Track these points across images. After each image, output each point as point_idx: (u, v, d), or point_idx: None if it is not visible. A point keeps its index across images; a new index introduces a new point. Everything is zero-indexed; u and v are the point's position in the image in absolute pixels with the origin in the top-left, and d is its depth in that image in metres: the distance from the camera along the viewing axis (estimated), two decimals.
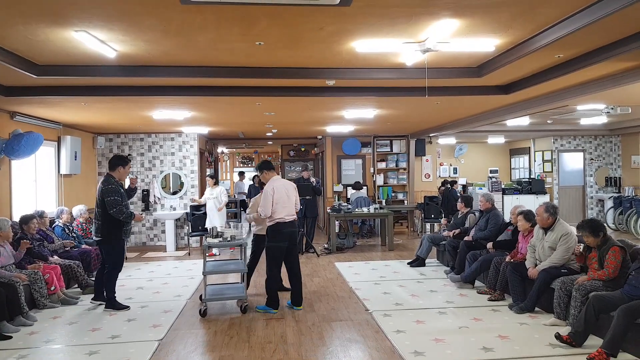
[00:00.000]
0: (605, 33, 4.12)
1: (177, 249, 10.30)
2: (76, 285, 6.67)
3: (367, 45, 4.37)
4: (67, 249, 7.07)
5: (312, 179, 9.77)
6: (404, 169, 12.70)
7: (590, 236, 4.78)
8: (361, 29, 3.98)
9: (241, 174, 15.46)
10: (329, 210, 10.26)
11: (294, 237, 5.71)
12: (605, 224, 12.13)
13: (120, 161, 5.91)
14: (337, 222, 10.50)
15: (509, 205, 12.71)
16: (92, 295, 6.08)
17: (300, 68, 5.32)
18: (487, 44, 4.37)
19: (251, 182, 13.50)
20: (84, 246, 7.55)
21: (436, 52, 4.45)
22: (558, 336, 4.36)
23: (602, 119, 10.27)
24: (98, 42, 4.16)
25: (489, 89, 6.37)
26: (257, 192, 7.81)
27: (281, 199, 5.54)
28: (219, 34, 4.11)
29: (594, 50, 4.60)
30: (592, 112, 9.07)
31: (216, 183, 9.96)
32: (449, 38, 4.21)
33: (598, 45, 4.48)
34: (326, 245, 9.89)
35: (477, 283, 6.60)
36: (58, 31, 3.94)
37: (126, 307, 5.80)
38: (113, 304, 5.78)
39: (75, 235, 7.65)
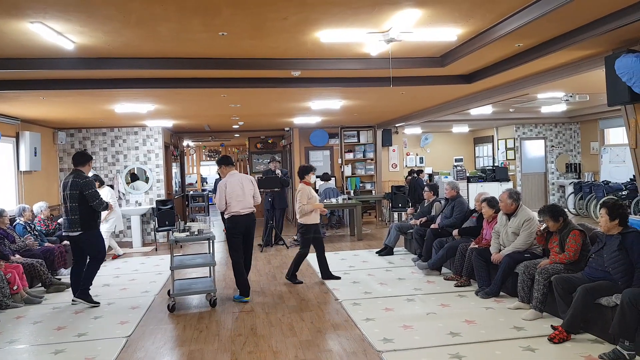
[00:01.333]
0: (561, 22, 4.23)
1: (144, 244, 10.14)
2: (40, 284, 6.50)
3: (332, 35, 4.37)
4: (28, 247, 6.86)
5: (278, 171, 9.74)
6: (371, 160, 12.80)
7: (551, 220, 4.93)
8: (325, 18, 3.98)
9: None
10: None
11: (249, 229, 5.93)
12: (566, 209, 12.54)
13: (89, 158, 6.00)
14: None
15: (474, 193, 12.97)
16: (57, 294, 5.94)
17: (265, 59, 5.29)
18: (449, 33, 4.44)
19: (217, 177, 13.33)
20: (46, 244, 7.36)
21: (400, 42, 4.50)
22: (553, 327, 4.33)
23: (562, 107, 10.57)
24: (55, 33, 4.04)
25: (452, 78, 6.46)
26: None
27: (234, 193, 5.75)
28: (180, 25, 4.04)
29: (551, 39, 4.72)
30: (552, 100, 9.32)
31: (101, 184, 8.53)
32: (412, 28, 4.24)
33: (555, 34, 4.60)
34: (295, 237, 9.89)
35: (444, 270, 6.73)
36: (12, 23, 3.80)
37: (97, 304, 5.72)
38: (86, 296, 5.73)
39: (37, 233, 7.45)
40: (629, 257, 4.07)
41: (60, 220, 8.43)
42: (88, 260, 5.82)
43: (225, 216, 5.87)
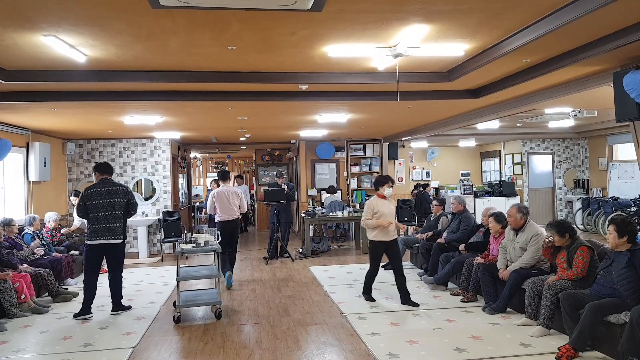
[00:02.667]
0: (569, 39, 4.24)
1: (150, 255, 10.16)
2: (47, 294, 6.52)
3: (339, 50, 4.41)
4: (37, 256, 6.91)
5: (284, 186, 9.78)
6: (378, 173, 12.79)
7: (556, 235, 4.91)
8: (333, 33, 4.02)
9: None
10: (303, 215, 10.27)
11: (233, 231, 7.45)
12: (574, 225, 12.47)
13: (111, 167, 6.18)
14: (311, 227, 10.52)
15: (481, 208, 12.94)
16: (64, 303, 5.93)
17: (273, 73, 5.34)
18: (456, 48, 4.47)
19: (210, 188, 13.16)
20: (54, 254, 7.40)
21: (407, 56, 4.53)
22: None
23: (570, 122, 10.55)
24: (67, 46, 4.11)
25: (459, 93, 6.49)
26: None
27: (221, 202, 7.37)
28: (190, 39, 4.09)
29: (559, 55, 4.73)
30: (560, 116, 9.31)
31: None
32: (419, 43, 4.28)
33: (563, 50, 4.62)
34: (301, 250, 9.89)
35: (450, 285, 6.69)
36: (26, 36, 3.87)
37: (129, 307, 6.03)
38: (122, 305, 5.95)
39: (45, 242, 7.49)
40: (637, 274, 4.04)
41: (64, 231, 8.47)
42: (110, 269, 5.87)
43: (215, 220, 7.47)
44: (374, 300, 6.07)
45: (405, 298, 5.93)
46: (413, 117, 8.65)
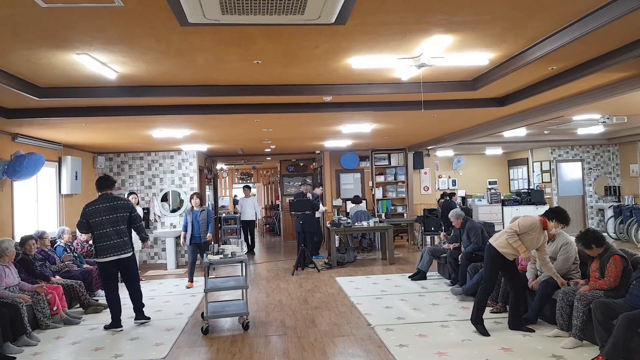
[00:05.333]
0: (596, 45, 4.19)
1: (178, 266, 10.30)
2: (78, 305, 6.67)
3: (363, 61, 4.44)
4: (67, 269, 7.06)
5: (309, 194, 9.81)
6: (403, 182, 12.75)
7: (584, 248, 4.82)
8: (356, 46, 4.06)
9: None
10: (328, 225, 10.28)
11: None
12: (605, 233, 12.16)
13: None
14: (337, 237, 10.52)
15: (509, 216, 12.74)
16: (95, 315, 6.06)
17: (298, 85, 5.40)
18: (480, 58, 4.45)
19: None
20: (85, 266, 7.56)
21: (431, 67, 4.53)
22: None
23: (599, 129, 10.34)
24: (99, 64, 4.24)
25: (485, 101, 6.44)
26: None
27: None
28: (217, 54, 4.18)
29: (587, 61, 4.67)
30: (589, 122, 9.14)
31: None
32: (443, 53, 4.28)
33: (591, 57, 4.55)
34: (326, 260, 9.89)
35: None
36: (60, 54, 4.01)
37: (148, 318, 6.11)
38: (145, 314, 6.09)
39: (76, 255, 7.66)
40: None
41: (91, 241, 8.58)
42: (127, 282, 5.96)
43: None
44: (489, 335, 5.03)
45: (515, 322, 5.19)
46: (438, 125, 8.61)
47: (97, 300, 6.97)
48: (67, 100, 5.42)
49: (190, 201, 7.99)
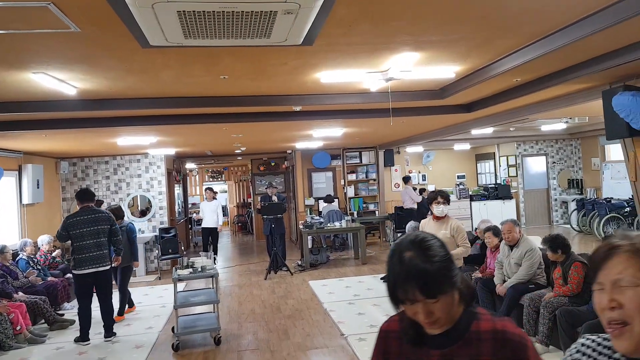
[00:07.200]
0: (559, 61, 4.26)
1: (147, 273, 10.12)
2: (43, 321, 6.47)
3: (331, 76, 4.41)
4: (31, 284, 6.82)
5: (275, 197, 9.76)
6: (374, 180, 12.81)
7: (549, 251, 4.95)
8: (325, 62, 4.02)
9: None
10: (301, 227, 10.25)
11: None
12: (569, 225, 12.49)
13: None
14: (309, 238, 10.51)
15: (477, 212, 13.00)
16: (61, 331, 5.91)
17: (266, 96, 5.33)
18: (447, 71, 4.47)
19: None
20: (50, 278, 7.33)
21: (399, 80, 4.53)
22: None
23: (562, 126, 10.59)
24: (57, 81, 4.09)
25: (452, 108, 6.50)
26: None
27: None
28: (182, 71, 4.09)
29: (549, 74, 4.75)
30: (552, 120, 9.36)
31: None
32: (410, 67, 4.28)
33: (553, 70, 4.63)
34: (299, 262, 9.88)
35: None
36: (15, 73, 3.85)
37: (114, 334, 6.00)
38: (113, 330, 6.03)
39: (40, 267, 7.42)
40: None
41: (55, 253, 8.28)
42: (100, 296, 5.86)
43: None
44: None
45: None
46: (407, 128, 8.67)
47: (63, 314, 6.80)
48: (23, 114, 5.23)
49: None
